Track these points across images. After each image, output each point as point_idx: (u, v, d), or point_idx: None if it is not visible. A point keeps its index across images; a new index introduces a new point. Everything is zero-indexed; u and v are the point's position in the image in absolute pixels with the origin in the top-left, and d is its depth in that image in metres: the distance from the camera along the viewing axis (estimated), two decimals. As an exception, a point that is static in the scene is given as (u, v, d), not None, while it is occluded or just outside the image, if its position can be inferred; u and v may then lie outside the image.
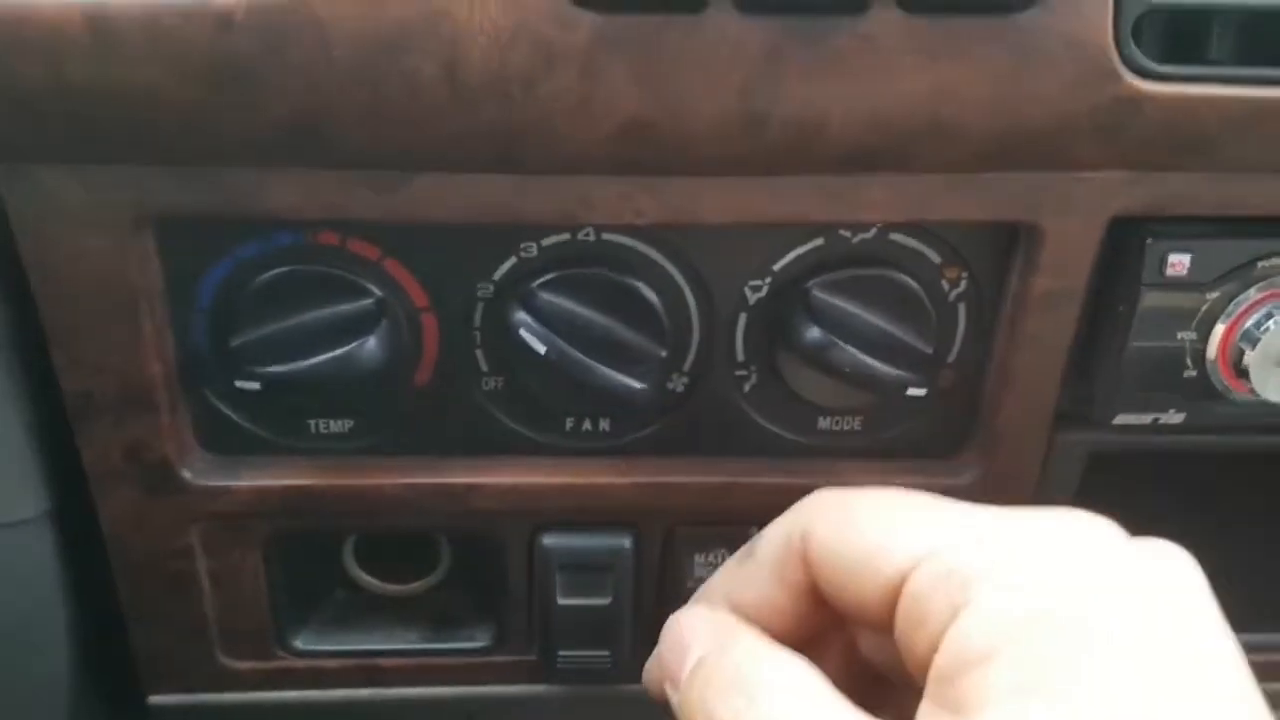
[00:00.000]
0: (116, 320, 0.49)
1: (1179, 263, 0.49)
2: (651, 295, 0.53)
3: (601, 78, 0.42)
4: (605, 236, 0.52)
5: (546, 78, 0.42)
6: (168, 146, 0.44)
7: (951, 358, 0.55)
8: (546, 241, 0.52)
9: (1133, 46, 0.43)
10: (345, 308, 0.51)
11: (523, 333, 0.52)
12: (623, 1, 0.41)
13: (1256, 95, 0.44)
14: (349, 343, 0.50)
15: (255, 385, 0.51)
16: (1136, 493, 0.52)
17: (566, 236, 0.52)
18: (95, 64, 0.41)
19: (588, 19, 0.41)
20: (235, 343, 0.50)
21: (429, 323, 0.53)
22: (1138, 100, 0.43)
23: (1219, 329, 0.51)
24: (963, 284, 0.54)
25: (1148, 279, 0.49)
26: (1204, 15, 0.44)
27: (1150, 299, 0.50)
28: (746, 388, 0.56)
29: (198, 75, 0.41)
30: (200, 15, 0.40)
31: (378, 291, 0.52)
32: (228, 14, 0.40)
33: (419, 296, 0.53)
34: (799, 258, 0.53)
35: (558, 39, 0.42)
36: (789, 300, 0.53)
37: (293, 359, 0.50)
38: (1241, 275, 0.50)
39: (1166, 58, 0.44)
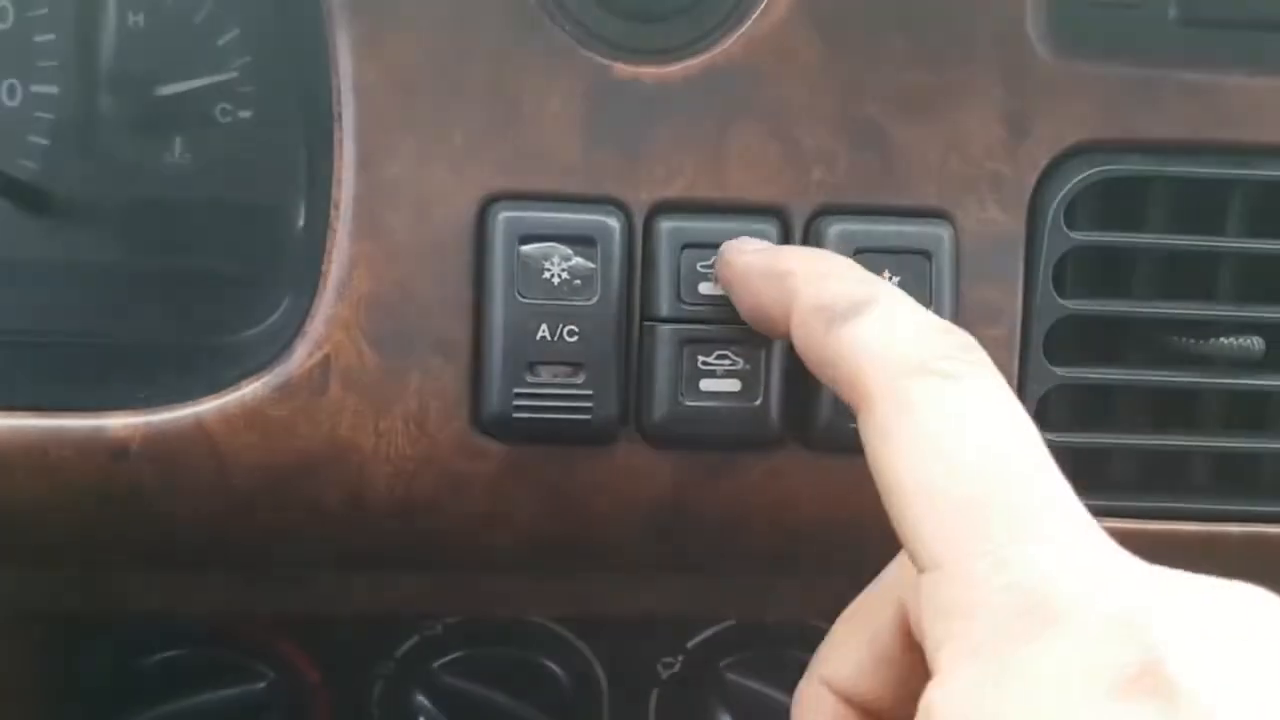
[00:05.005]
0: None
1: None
2: (561, 673, 0.51)
3: (509, 502, 0.42)
4: (513, 614, 0.51)
5: (453, 502, 0.42)
6: (51, 557, 0.42)
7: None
8: (452, 620, 0.51)
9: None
10: (233, 692, 0.49)
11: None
12: (532, 435, 0.41)
13: (1157, 528, 0.45)
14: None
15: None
16: None
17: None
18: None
19: (496, 449, 0.41)
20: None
21: (323, 701, 0.51)
22: (1042, 532, 0.44)
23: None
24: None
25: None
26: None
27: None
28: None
29: (87, 500, 0.40)
30: (93, 446, 0.39)
31: (269, 673, 0.49)
32: (122, 444, 0.39)
33: (313, 673, 0.50)
34: (712, 637, 0.52)
35: (465, 468, 0.41)
36: (702, 681, 0.52)
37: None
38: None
39: (1068, 482, 0.45)
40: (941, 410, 0.28)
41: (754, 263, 0.36)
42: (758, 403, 0.40)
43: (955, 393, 0.28)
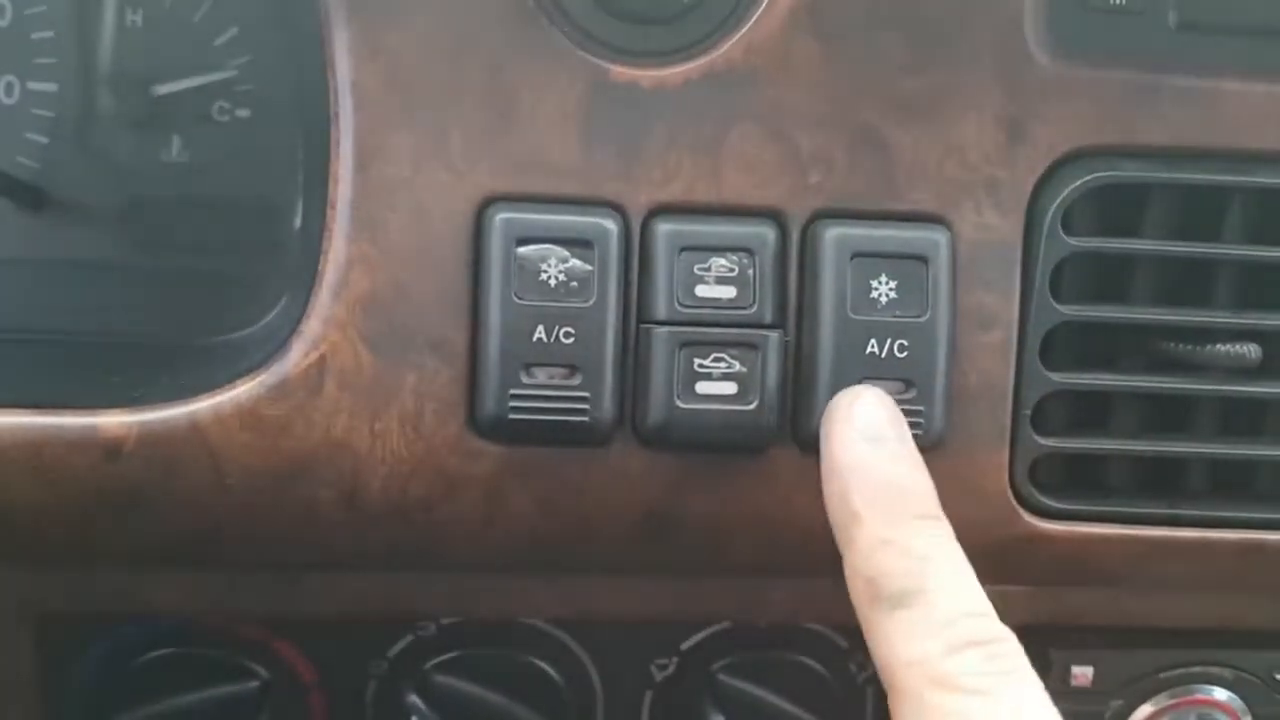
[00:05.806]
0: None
1: (1082, 674, 0.49)
2: (554, 674, 0.51)
3: (504, 503, 0.42)
4: (507, 615, 0.51)
5: (448, 503, 0.41)
6: (46, 555, 0.42)
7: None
8: (446, 620, 0.50)
9: (1030, 488, 0.43)
10: (227, 691, 0.49)
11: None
12: (528, 437, 0.41)
13: (1152, 534, 0.45)
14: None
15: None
16: None
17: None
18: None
19: (492, 450, 0.41)
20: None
21: (317, 701, 0.51)
22: (1036, 539, 0.44)
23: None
24: (871, 668, 0.53)
25: (1052, 688, 0.49)
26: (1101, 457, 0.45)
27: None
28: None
29: (81, 498, 0.40)
30: (87, 445, 0.39)
31: (264, 673, 0.49)
32: (117, 443, 0.39)
33: (308, 673, 0.50)
34: (706, 639, 0.52)
35: (461, 469, 0.41)
36: (695, 683, 0.52)
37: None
38: (1144, 686, 0.50)
39: (1065, 487, 0.45)
40: None
41: (836, 470, 0.37)
42: (753, 405, 0.40)
43: (978, 710, 0.30)
